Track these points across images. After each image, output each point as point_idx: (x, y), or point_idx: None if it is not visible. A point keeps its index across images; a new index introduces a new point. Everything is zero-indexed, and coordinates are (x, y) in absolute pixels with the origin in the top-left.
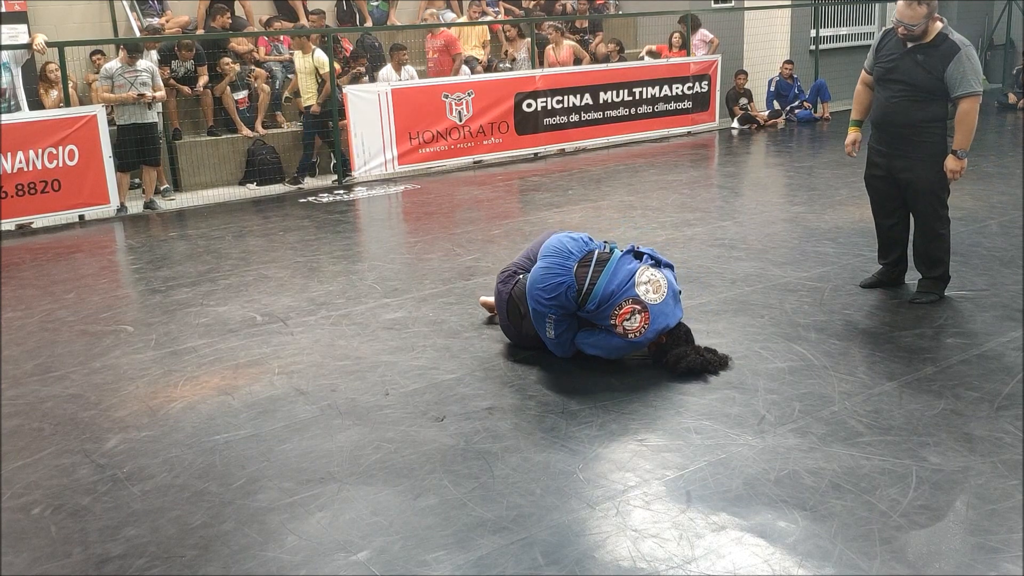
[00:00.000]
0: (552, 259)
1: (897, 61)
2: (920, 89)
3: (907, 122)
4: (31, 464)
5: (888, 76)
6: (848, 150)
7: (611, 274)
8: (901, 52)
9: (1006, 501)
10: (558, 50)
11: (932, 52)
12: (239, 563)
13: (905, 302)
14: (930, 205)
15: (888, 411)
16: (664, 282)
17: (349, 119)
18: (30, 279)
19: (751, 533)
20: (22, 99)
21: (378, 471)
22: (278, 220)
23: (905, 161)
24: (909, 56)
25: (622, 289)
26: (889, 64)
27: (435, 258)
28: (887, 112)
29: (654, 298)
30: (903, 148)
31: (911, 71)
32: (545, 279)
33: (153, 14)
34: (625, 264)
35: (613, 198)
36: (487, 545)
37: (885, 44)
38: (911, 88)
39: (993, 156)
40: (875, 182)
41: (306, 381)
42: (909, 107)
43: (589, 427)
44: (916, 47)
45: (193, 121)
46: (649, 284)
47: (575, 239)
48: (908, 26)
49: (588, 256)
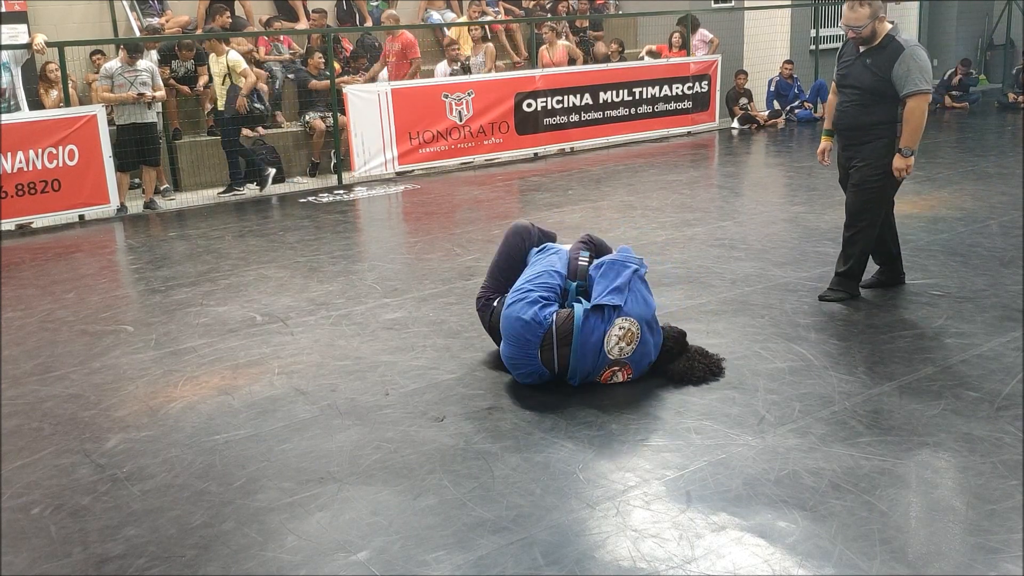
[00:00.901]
0: (513, 349)
1: (849, 67)
2: (867, 92)
3: (856, 126)
4: (31, 464)
5: (843, 82)
6: (819, 159)
7: (580, 353)
8: (854, 58)
9: (1006, 501)
10: (552, 50)
11: (879, 54)
12: (239, 563)
13: (905, 302)
14: (859, 200)
15: (888, 411)
16: (634, 326)
17: (349, 119)
18: (30, 279)
19: (751, 533)
20: (22, 99)
21: (378, 471)
22: (278, 220)
23: (853, 160)
24: (860, 61)
25: (597, 365)
26: (844, 70)
27: (435, 258)
28: (840, 117)
29: (629, 350)
30: (855, 151)
31: (860, 75)
32: (516, 368)
33: (153, 14)
34: (589, 337)
35: (613, 198)
36: (487, 545)
37: (844, 51)
38: (860, 92)
39: (993, 156)
40: (844, 184)
41: (306, 381)
42: (858, 112)
43: (589, 427)
44: (866, 51)
45: (193, 121)
46: (620, 341)
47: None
48: (854, 28)
49: (548, 338)
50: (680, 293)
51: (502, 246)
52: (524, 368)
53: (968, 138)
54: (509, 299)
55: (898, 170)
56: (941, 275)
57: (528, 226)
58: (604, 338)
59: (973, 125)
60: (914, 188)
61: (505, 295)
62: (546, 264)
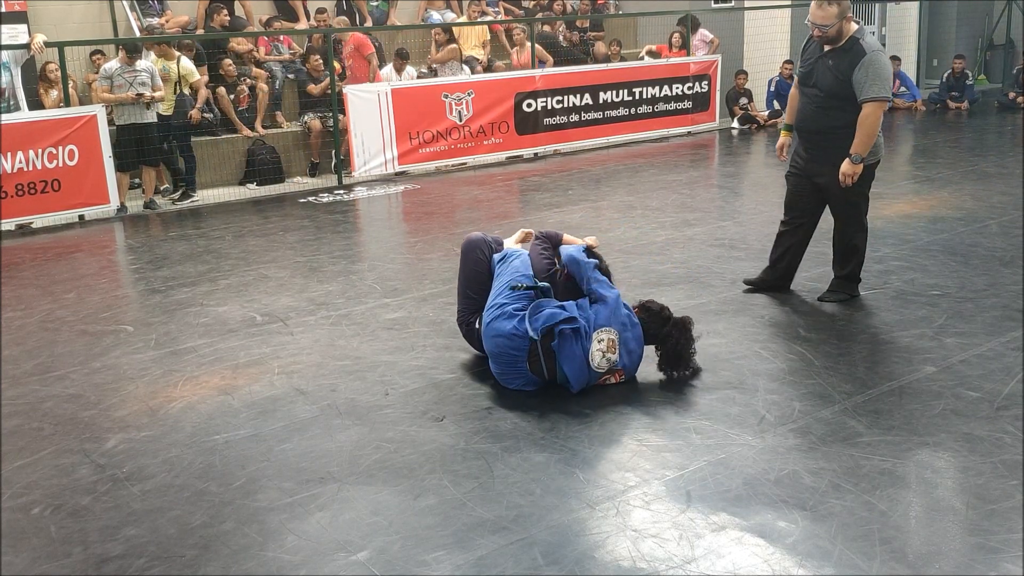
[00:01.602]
0: (502, 366)
1: (812, 66)
2: (830, 95)
3: (819, 128)
4: (31, 464)
5: (805, 81)
6: (778, 154)
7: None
8: (817, 57)
9: (1006, 501)
10: (521, 52)
11: (842, 56)
12: (239, 563)
13: (905, 302)
14: (847, 213)
15: (888, 411)
16: (611, 333)
17: (349, 119)
18: (30, 279)
19: (751, 533)
20: (21, 99)
21: (378, 471)
22: (278, 220)
23: (818, 167)
24: (822, 61)
25: (590, 379)
26: (806, 69)
27: (435, 258)
28: (803, 118)
29: (615, 358)
30: (816, 153)
31: (823, 76)
32: (509, 382)
33: (153, 14)
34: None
35: (613, 198)
36: (487, 545)
37: (806, 48)
38: (822, 95)
39: (993, 156)
40: (792, 178)
41: (306, 381)
42: (820, 114)
43: (589, 427)
44: (830, 52)
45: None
46: (605, 353)
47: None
48: (821, 27)
49: (533, 349)
50: (680, 293)
51: (462, 265)
52: (517, 380)
53: (968, 138)
54: (486, 317)
55: (844, 175)
56: (941, 275)
57: (480, 237)
58: (588, 357)
59: (973, 125)
60: (914, 188)
61: (483, 314)
62: (511, 272)
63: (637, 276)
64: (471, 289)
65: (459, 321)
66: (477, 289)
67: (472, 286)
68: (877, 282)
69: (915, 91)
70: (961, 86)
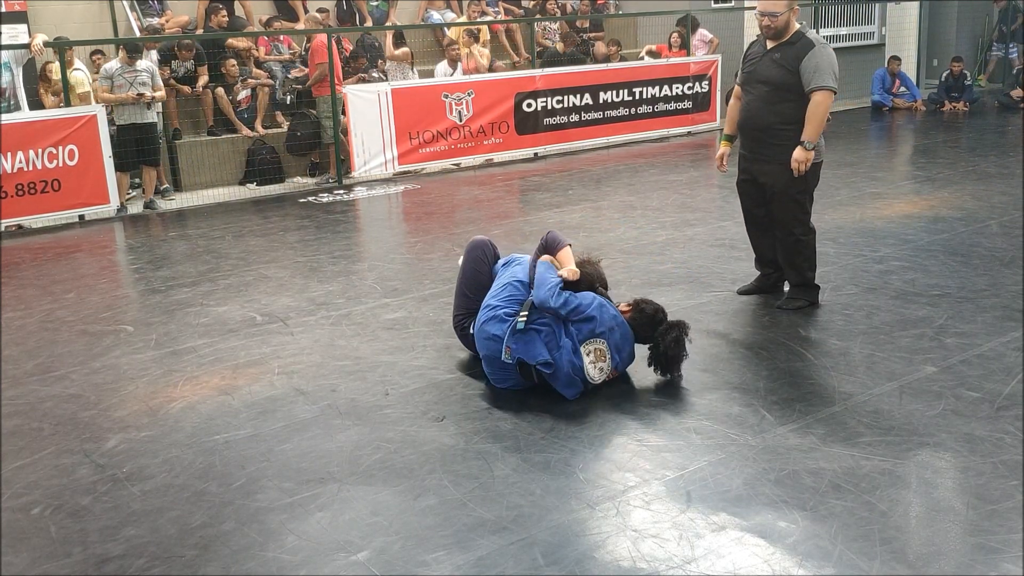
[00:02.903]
0: (494, 369)
1: (757, 63)
2: (775, 88)
3: (763, 124)
4: (31, 464)
5: (749, 79)
6: (717, 164)
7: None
8: (761, 54)
9: (1006, 501)
10: (469, 57)
11: (788, 49)
12: (239, 563)
13: (905, 302)
14: (788, 210)
15: (888, 411)
16: (599, 343)
17: (349, 119)
18: (30, 279)
19: (751, 533)
20: (22, 99)
21: (378, 471)
22: (278, 220)
23: (762, 165)
24: (768, 56)
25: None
26: (750, 67)
27: (435, 258)
28: (747, 116)
29: (606, 365)
30: (760, 151)
31: (768, 69)
32: (502, 383)
33: (153, 14)
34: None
35: (613, 198)
36: (487, 545)
37: (749, 52)
38: (768, 88)
39: (993, 156)
40: (743, 186)
41: (306, 381)
42: (766, 109)
43: (589, 427)
44: (775, 47)
45: (193, 121)
46: (596, 363)
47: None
48: (770, 15)
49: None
50: (680, 293)
51: (465, 264)
52: (508, 381)
53: (968, 138)
54: (480, 317)
55: (797, 161)
56: (941, 275)
57: (486, 241)
58: (584, 372)
59: (973, 125)
60: (914, 188)
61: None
62: (508, 276)
63: (637, 276)
64: (468, 288)
65: (456, 324)
66: (474, 289)
67: (470, 285)
68: (877, 282)
69: (915, 91)
70: (960, 87)
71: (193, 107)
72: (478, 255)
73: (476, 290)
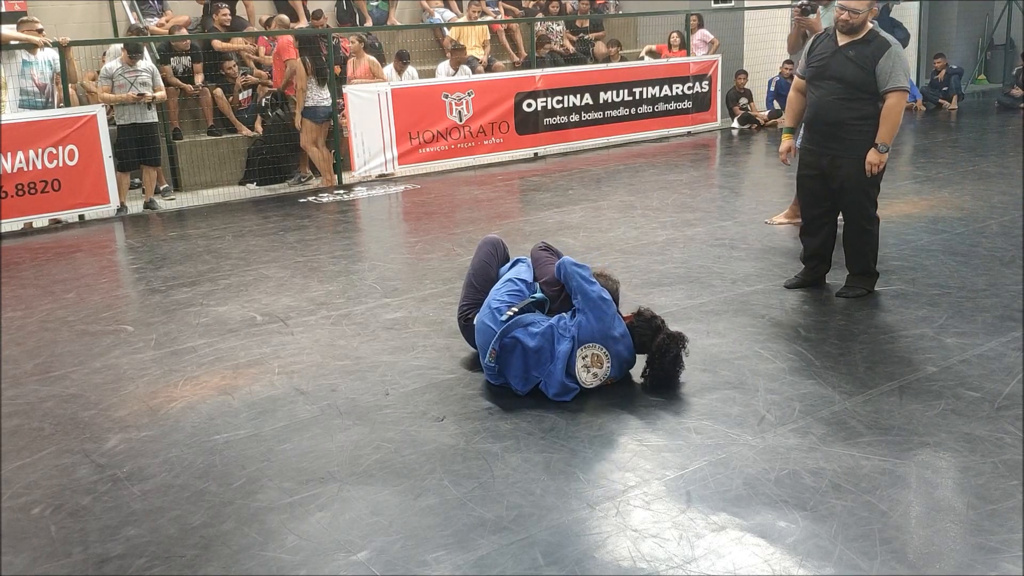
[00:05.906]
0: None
1: (828, 60)
2: (850, 85)
3: (837, 120)
4: (31, 464)
5: (820, 75)
6: (782, 158)
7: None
8: (832, 51)
9: (1006, 501)
10: (357, 64)
11: (863, 48)
12: (239, 563)
13: (906, 302)
14: (858, 202)
15: (888, 411)
16: (597, 349)
17: (349, 119)
18: (30, 279)
19: (751, 533)
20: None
21: (378, 471)
22: (278, 220)
23: (834, 159)
24: (840, 53)
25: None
26: (820, 63)
27: (435, 258)
28: (818, 111)
29: (604, 371)
30: (832, 146)
31: (842, 67)
32: (493, 379)
33: (153, 14)
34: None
35: (613, 198)
36: (487, 545)
37: (816, 46)
38: (842, 85)
39: (993, 156)
40: (806, 181)
41: (306, 381)
42: (839, 105)
43: (589, 427)
44: (847, 44)
45: (193, 121)
46: (591, 368)
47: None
48: (852, 11)
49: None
50: (680, 293)
51: (475, 258)
52: (500, 378)
53: (968, 138)
54: (480, 313)
55: (871, 164)
56: (941, 275)
57: (499, 239)
58: (577, 377)
59: (973, 125)
60: (914, 188)
61: None
62: (512, 273)
63: (637, 276)
64: (476, 279)
65: (459, 315)
66: (482, 281)
67: (478, 277)
68: (877, 282)
69: (915, 91)
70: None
71: (193, 107)
72: (489, 250)
73: (483, 282)
